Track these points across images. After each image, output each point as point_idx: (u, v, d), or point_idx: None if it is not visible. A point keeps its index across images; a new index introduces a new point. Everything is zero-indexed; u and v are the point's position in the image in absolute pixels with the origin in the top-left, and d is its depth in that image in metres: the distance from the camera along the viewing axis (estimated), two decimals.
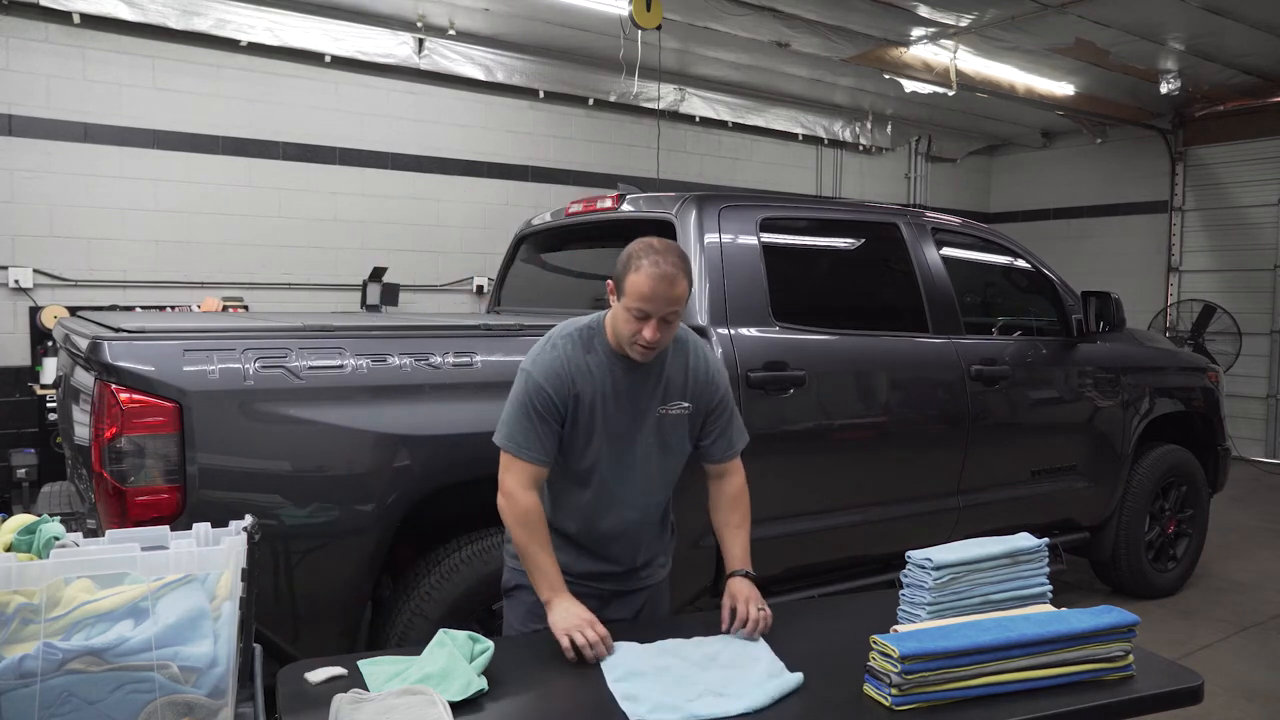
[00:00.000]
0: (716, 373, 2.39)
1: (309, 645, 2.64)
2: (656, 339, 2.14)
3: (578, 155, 8.43)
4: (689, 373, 2.33)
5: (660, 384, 2.29)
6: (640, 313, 2.12)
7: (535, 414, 2.21)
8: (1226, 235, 9.92)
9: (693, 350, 2.36)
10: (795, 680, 1.93)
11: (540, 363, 2.24)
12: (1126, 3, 6.54)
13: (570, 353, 2.24)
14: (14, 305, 6.13)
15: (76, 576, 1.43)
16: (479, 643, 1.99)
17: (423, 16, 7.03)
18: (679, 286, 2.12)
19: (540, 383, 2.21)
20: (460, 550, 2.90)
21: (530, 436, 2.21)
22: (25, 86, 6.05)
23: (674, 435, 2.34)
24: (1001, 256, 4.68)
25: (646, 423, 2.30)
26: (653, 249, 2.14)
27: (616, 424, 2.27)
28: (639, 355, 2.19)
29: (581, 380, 2.23)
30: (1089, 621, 1.95)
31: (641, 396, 2.28)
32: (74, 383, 3.06)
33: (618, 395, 2.26)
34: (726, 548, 2.40)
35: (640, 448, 2.31)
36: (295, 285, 7.09)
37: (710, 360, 2.39)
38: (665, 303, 2.11)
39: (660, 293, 2.10)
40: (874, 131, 10.23)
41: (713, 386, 2.36)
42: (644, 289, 2.10)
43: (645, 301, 2.11)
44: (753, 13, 6.72)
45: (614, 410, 2.26)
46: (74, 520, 2.93)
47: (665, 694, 1.86)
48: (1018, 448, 4.31)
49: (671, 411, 2.31)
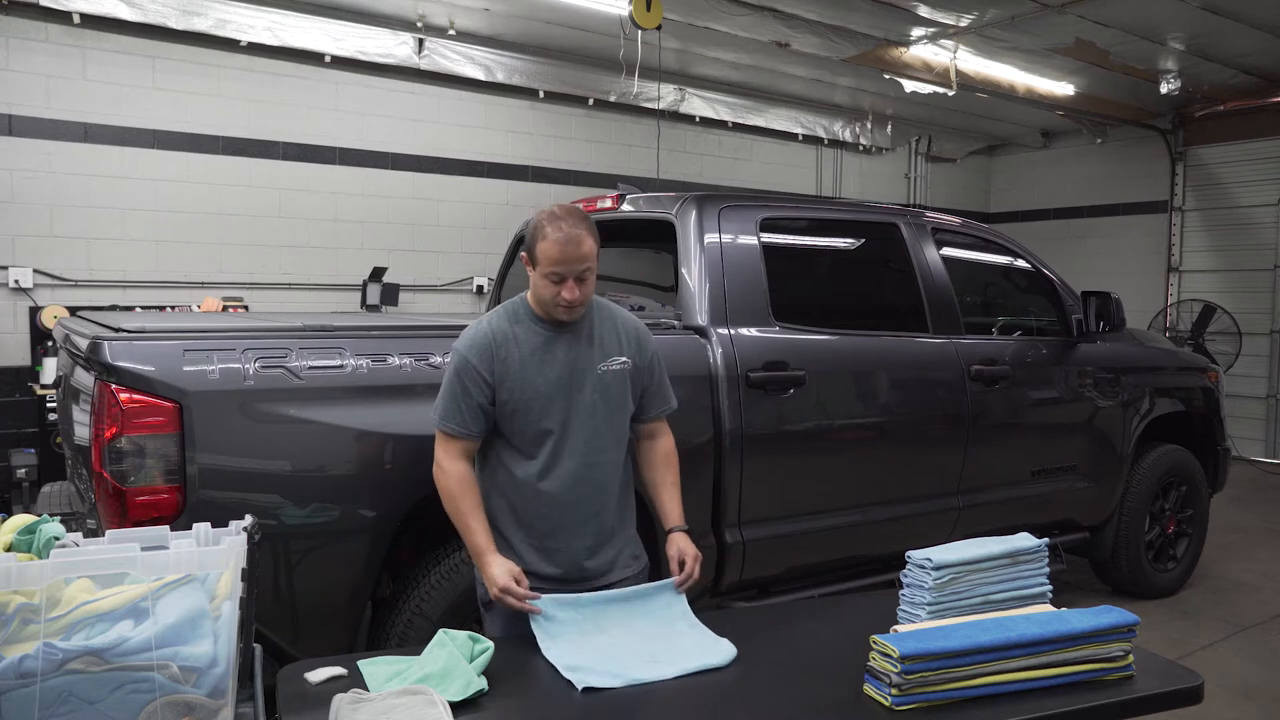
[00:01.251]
0: (644, 332, 2.53)
1: (309, 645, 2.64)
2: (576, 297, 2.29)
3: (578, 155, 8.44)
4: (620, 331, 2.47)
5: (594, 344, 2.42)
6: (556, 276, 2.27)
7: (461, 387, 2.33)
8: (1226, 235, 9.92)
9: (617, 313, 2.52)
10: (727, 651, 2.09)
11: (466, 337, 2.38)
12: (1126, 3, 6.55)
13: (495, 324, 2.38)
14: (14, 305, 6.13)
15: (76, 576, 1.43)
16: (479, 643, 1.99)
17: (423, 16, 7.04)
18: (586, 245, 2.28)
19: (465, 355, 2.34)
20: (460, 550, 2.90)
21: (455, 410, 2.33)
22: (25, 86, 6.05)
23: (615, 389, 2.43)
24: (1001, 256, 4.68)
25: (588, 381, 2.39)
26: (555, 216, 2.30)
27: (551, 383, 2.36)
28: (564, 315, 2.33)
29: (507, 347, 2.35)
30: (1089, 621, 1.95)
31: (577, 356, 2.39)
32: (74, 383, 3.06)
33: (550, 354, 2.37)
34: (664, 504, 2.51)
35: (584, 405, 2.38)
36: (295, 285, 7.09)
37: (635, 321, 2.54)
38: (577, 261, 2.26)
39: (570, 253, 2.25)
40: (874, 131, 10.23)
41: (644, 343, 2.51)
42: (554, 253, 2.26)
43: (558, 264, 2.26)
44: (753, 13, 6.72)
45: (548, 369, 2.36)
46: (74, 520, 2.93)
47: (605, 662, 2.03)
48: (1018, 448, 4.31)
49: (612, 367, 2.42)
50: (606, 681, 1.95)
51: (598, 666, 2.00)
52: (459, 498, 2.31)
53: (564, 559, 2.41)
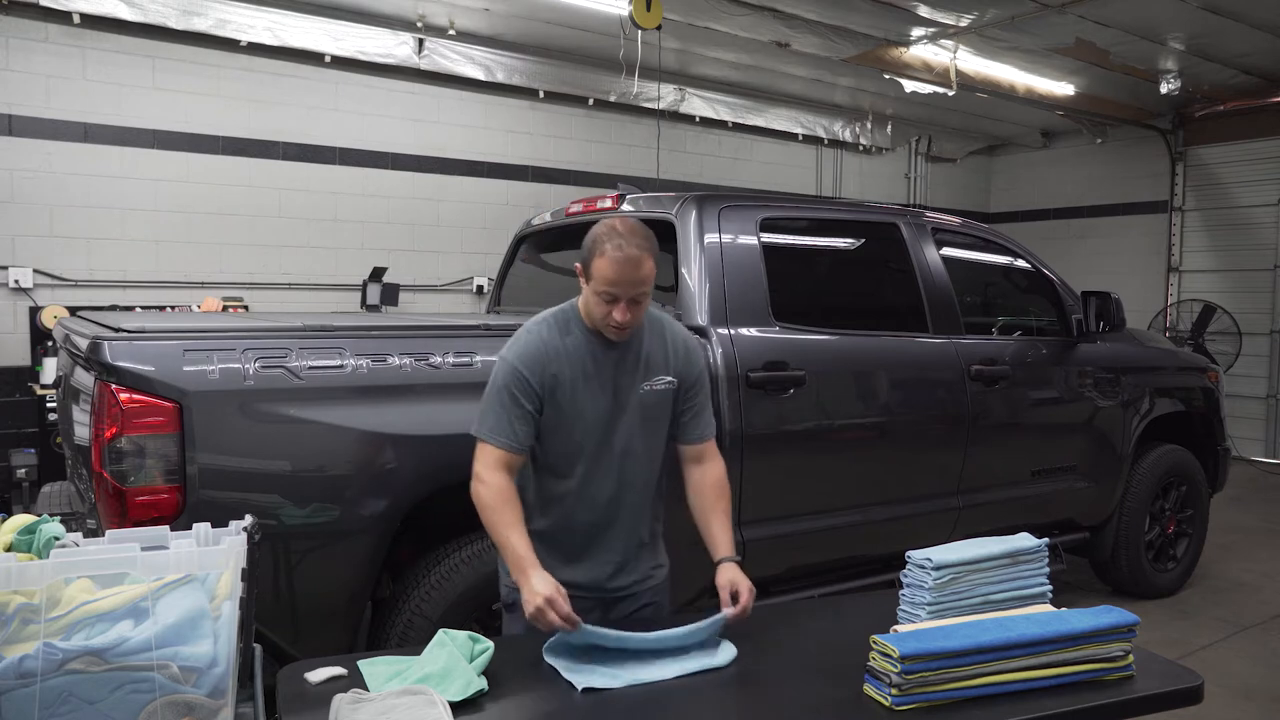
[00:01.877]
0: (694, 349, 2.42)
1: (309, 645, 2.64)
2: (627, 320, 2.18)
3: (578, 155, 8.44)
4: (669, 347, 2.36)
5: (640, 361, 2.32)
6: (609, 296, 2.16)
7: (510, 399, 2.22)
8: (1226, 235, 9.92)
9: (668, 326, 2.40)
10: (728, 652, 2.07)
11: (516, 347, 2.27)
12: (1126, 3, 6.55)
13: (546, 336, 2.27)
14: (14, 305, 6.13)
15: (76, 576, 1.43)
16: (479, 643, 1.99)
17: (423, 16, 7.04)
18: (644, 268, 2.15)
19: (516, 366, 2.23)
20: (460, 550, 2.90)
21: (502, 422, 2.22)
22: (25, 86, 6.05)
23: (656, 410, 2.35)
24: (1001, 256, 4.68)
25: (630, 401, 2.31)
26: (616, 232, 2.16)
27: (598, 403, 2.28)
28: (613, 335, 2.24)
29: (559, 362, 2.25)
30: (1089, 621, 1.95)
31: (623, 374, 2.30)
32: (74, 383, 3.06)
33: (599, 374, 2.27)
34: (714, 535, 2.36)
35: (624, 426, 2.31)
36: (295, 285, 7.09)
37: (687, 337, 2.43)
38: (631, 285, 2.14)
39: (626, 276, 2.13)
40: (874, 131, 10.23)
41: (692, 361, 2.40)
42: (609, 273, 2.13)
43: (612, 285, 2.14)
44: (753, 13, 6.72)
45: (596, 389, 2.27)
46: (74, 520, 2.93)
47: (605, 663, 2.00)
48: (1018, 448, 4.31)
49: (656, 387, 2.33)
50: (606, 682, 1.94)
51: (598, 667, 2.00)
52: (499, 510, 2.17)
53: (588, 574, 2.37)
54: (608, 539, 2.37)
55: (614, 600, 2.43)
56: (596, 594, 2.38)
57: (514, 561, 2.14)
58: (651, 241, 2.20)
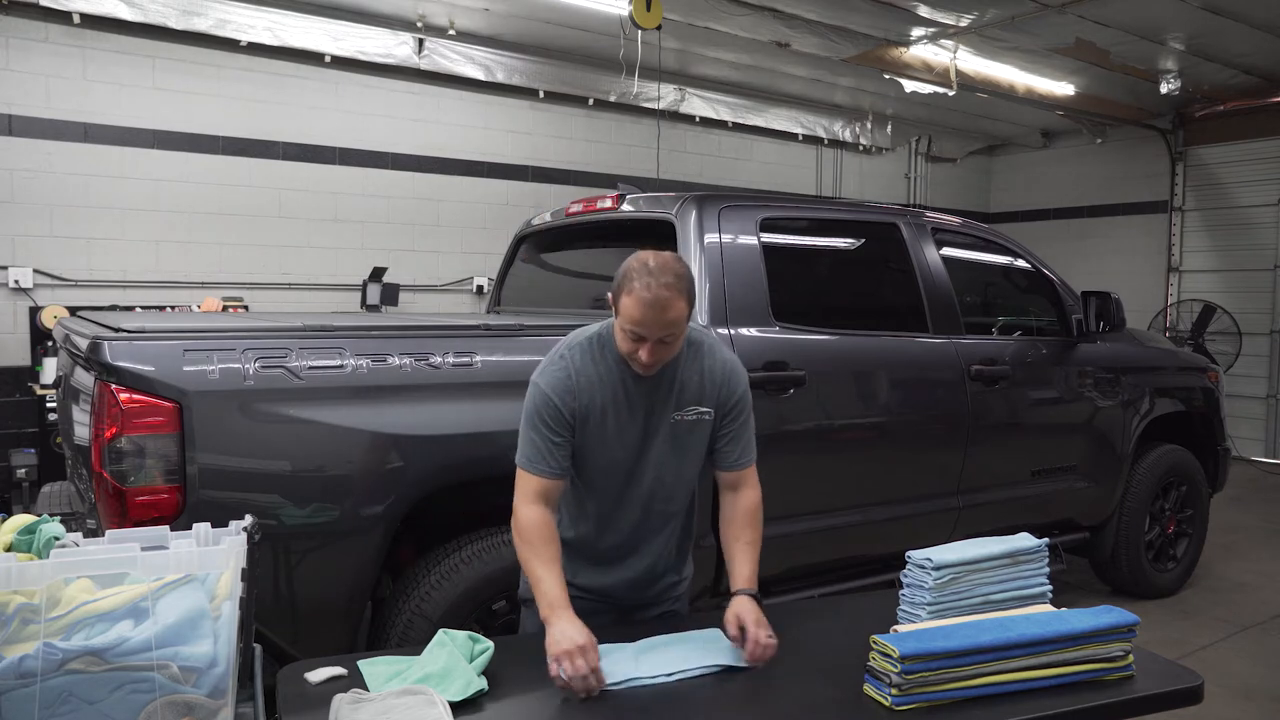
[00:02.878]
0: (734, 374, 2.30)
1: (309, 645, 2.63)
2: (653, 361, 2.10)
3: (578, 155, 8.43)
4: (704, 375, 2.26)
5: (673, 391, 2.23)
6: (635, 335, 2.07)
7: (545, 425, 2.16)
8: (1226, 235, 9.92)
9: (707, 352, 2.28)
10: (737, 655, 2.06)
11: (548, 374, 2.20)
12: (1126, 3, 6.54)
13: (579, 364, 2.20)
14: (14, 305, 6.13)
15: (76, 576, 1.43)
16: (479, 643, 1.99)
17: (423, 16, 7.04)
18: (673, 310, 2.04)
19: (548, 394, 2.17)
20: (460, 550, 2.90)
21: (538, 450, 2.17)
22: (25, 86, 6.05)
23: (690, 440, 2.28)
24: (1001, 256, 4.68)
25: (660, 430, 2.24)
26: (647, 269, 2.05)
27: (628, 432, 2.23)
28: (640, 370, 2.15)
29: (590, 391, 2.19)
30: (1089, 621, 1.95)
31: (654, 404, 2.23)
32: (74, 383, 3.06)
33: (630, 403, 2.21)
34: (735, 565, 2.28)
35: (654, 454, 2.26)
36: (295, 285, 7.09)
37: (728, 361, 2.31)
38: (658, 327, 2.05)
39: (652, 318, 2.03)
40: (874, 131, 10.23)
41: (730, 388, 2.28)
42: (635, 314, 2.04)
43: (638, 325, 2.05)
44: (753, 13, 6.72)
45: (626, 418, 2.22)
46: (74, 520, 2.93)
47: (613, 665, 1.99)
48: (1018, 448, 4.31)
49: (688, 417, 2.25)
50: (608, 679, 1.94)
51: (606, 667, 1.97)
52: (537, 547, 2.11)
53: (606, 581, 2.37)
54: (631, 559, 2.37)
55: (630, 608, 2.43)
56: (612, 601, 2.38)
57: (546, 601, 2.05)
58: (684, 280, 2.07)
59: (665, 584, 2.45)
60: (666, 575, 2.44)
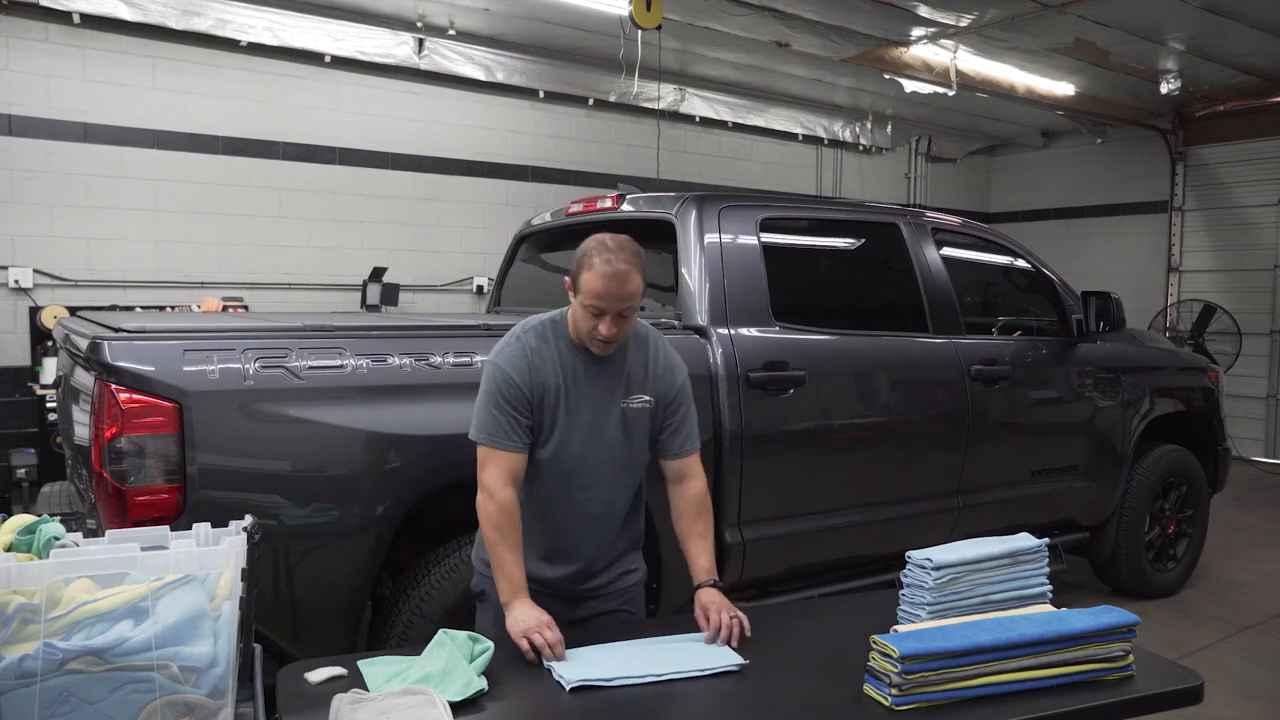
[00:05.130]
0: (675, 366, 2.42)
1: (309, 645, 2.64)
2: (613, 334, 2.20)
3: (578, 155, 8.43)
4: (648, 366, 2.37)
5: (622, 377, 2.33)
6: (595, 309, 2.18)
7: (506, 402, 2.24)
8: (1226, 235, 9.92)
9: (652, 344, 2.40)
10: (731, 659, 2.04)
11: (505, 354, 2.29)
12: (1126, 3, 6.55)
13: (534, 345, 2.29)
14: (14, 305, 6.13)
15: (76, 576, 1.43)
16: (479, 643, 1.99)
17: (423, 16, 7.04)
18: (631, 283, 2.17)
19: (507, 371, 2.26)
20: (460, 550, 2.90)
21: (500, 427, 2.24)
22: (25, 86, 6.05)
23: (636, 429, 2.36)
24: (1001, 256, 4.68)
25: (611, 415, 2.32)
26: (605, 247, 2.19)
27: (579, 415, 2.30)
28: (598, 349, 2.25)
29: (544, 371, 2.27)
30: (1089, 621, 1.95)
31: (605, 389, 2.32)
32: (74, 383, 3.06)
33: (579, 387, 2.30)
34: (692, 558, 2.36)
35: (606, 440, 2.33)
36: (295, 285, 7.09)
37: (670, 354, 2.43)
38: (618, 299, 2.16)
39: (612, 290, 2.15)
40: (874, 131, 10.23)
41: (670, 378, 2.39)
42: (597, 287, 2.15)
43: (599, 299, 2.16)
44: (753, 13, 6.72)
45: (576, 402, 2.29)
46: (74, 520, 2.92)
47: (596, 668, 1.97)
48: (1018, 448, 4.31)
49: (634, 405, 2.34)
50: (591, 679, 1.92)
51: (588, 671, 1.96)
52: (504, 532, 2.20)
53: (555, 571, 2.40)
54: (580, 545, 2.40)
55: (580, 599, 2.45)
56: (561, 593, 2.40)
57: (509, 585, 2.18)
58: (640, 257, 2.22)
59: (613, 574, 2.47)
60: (613, 566, 2.47)
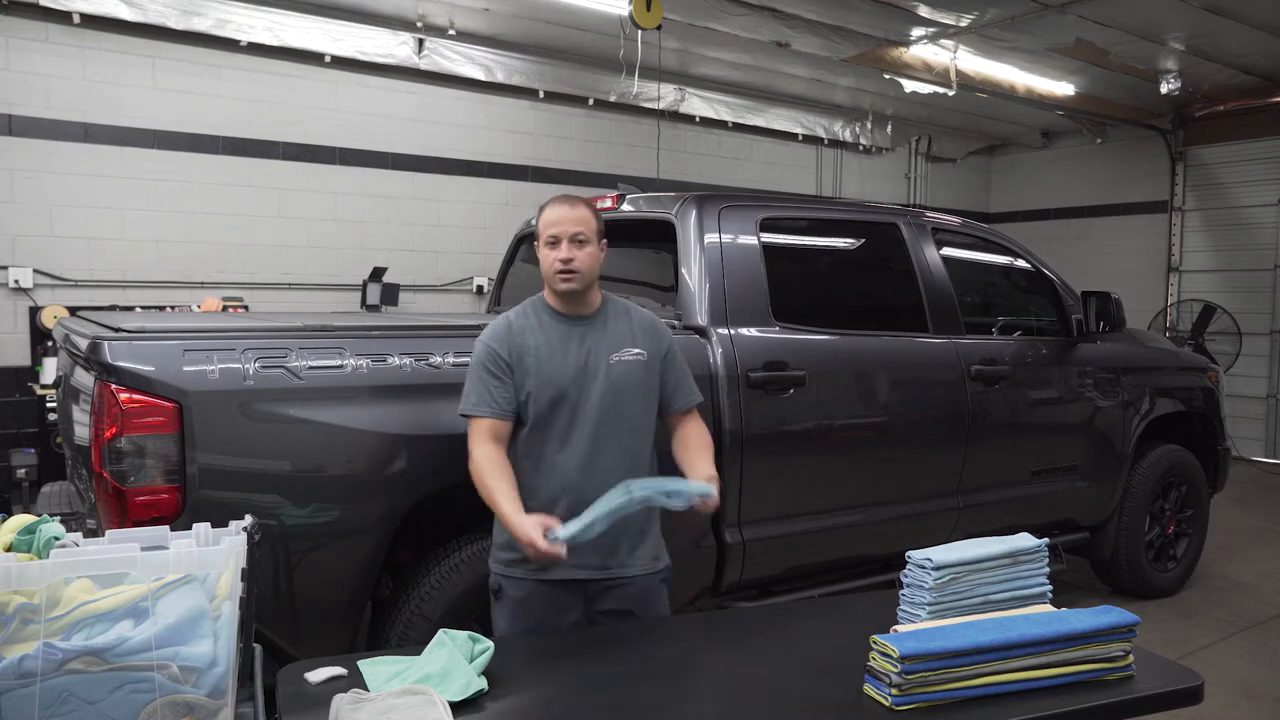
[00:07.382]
0: (659, 326, 2.59)
1: (309, 645, 2.64)
2: (571, 257, 2.39)
3: (578, 155, 8.43)
4: (633, 325, 2.53)
5: (607, 335, 2.48)
6: (552, 239, 2.41)
7: (485, 370, 2.42)
8: (1226, 235, 9.92)
9: (632, 309, 2.59)
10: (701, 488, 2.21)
11: (488, 330, 2.50)
12: (1126, 3, 6.54)
13: (514, 318, 2.49)
14: (14, 305, 6.13)
15: (76, 576, 1.43)
16: (479, 643, 1.99)
17: (423, 16, 7.03)
18: (579, 210, 2.43)
19: (487, 342, 2.45)
20: (460, 550, 2.90)
21: (483, 394, 2.40)
22: (25, 86, 6.05)
23: (628, 380, 2.47)
24: (1001, 256, 4.68)
25: (600, 370, 2.44)
26: (556, 197, 2.50)
27: (566, 371, 2.42)
28: (563, 283, 2.40)
29: (524, 335, 2.44)
30: (1089, 621, 1.95)
31: (590, 346, 2.45)
32: (74, 383, 3.06)
33: (566, 345, 2.44)
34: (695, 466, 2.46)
35: (595, 394, 2.43)
36: (295, 285, 7.09)
37: (651, 317, 2.61)
38: (571, 223, 2.39)
39: (563, 214, 2.41)
40: (874, 131, 10.22)
41: (657, 334, 2.56)
42: (550, 216, 2.43)
43: (553, 226, 2.41)
44: (753, 13, 6.71)
45: (562, 359, 2.43)
46: (74, 520, 2.93)
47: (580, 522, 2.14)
48: (1018, 448, 4.31)
49: (625, 358, 2.47)
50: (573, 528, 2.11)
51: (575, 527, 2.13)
52: (491, 475, 2.31)
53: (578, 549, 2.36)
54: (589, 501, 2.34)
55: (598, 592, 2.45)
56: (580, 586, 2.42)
57: (502, 515, 2.28)
58: (588, 202, 2.50)
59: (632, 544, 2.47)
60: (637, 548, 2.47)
